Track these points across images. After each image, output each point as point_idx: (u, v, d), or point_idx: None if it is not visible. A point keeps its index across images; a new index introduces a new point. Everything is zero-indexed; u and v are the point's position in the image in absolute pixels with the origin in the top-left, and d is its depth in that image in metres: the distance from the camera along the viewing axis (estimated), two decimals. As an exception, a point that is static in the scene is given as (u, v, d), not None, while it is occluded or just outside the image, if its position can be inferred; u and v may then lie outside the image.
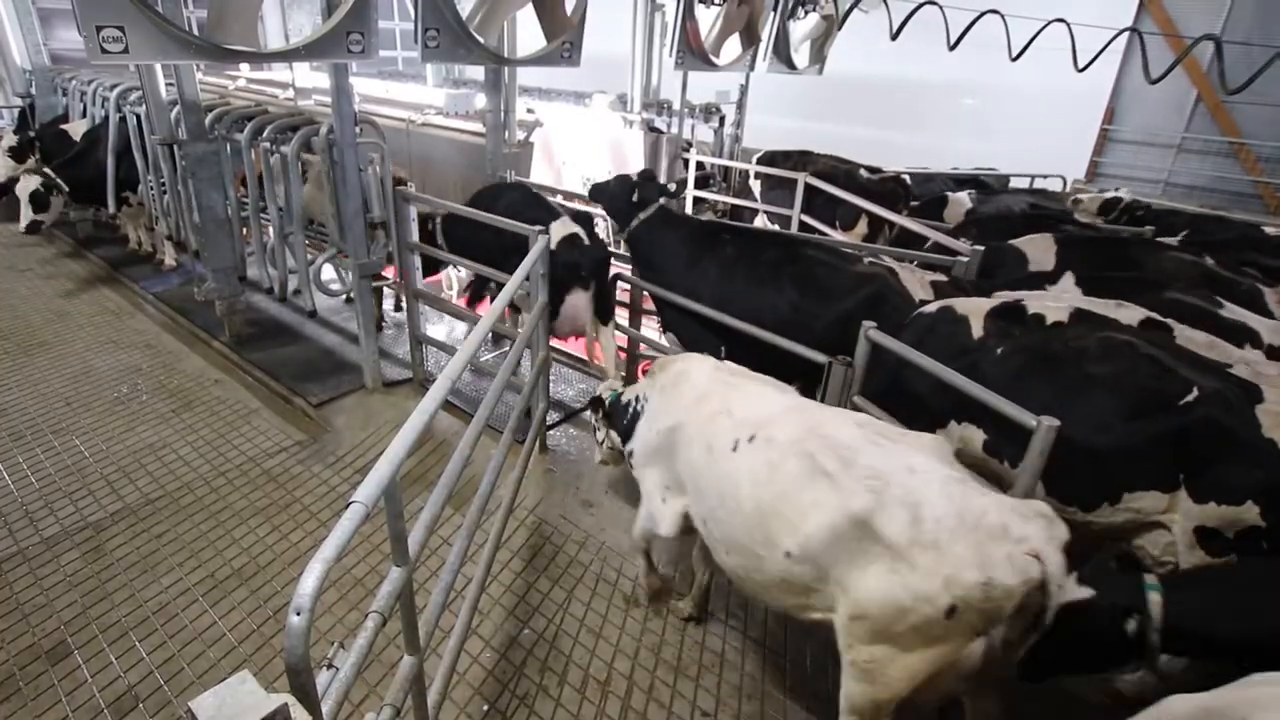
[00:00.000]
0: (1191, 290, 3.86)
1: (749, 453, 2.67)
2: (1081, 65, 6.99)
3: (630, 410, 3.50)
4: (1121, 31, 6.85)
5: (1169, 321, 3.35)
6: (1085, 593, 2.42)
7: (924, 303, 4.00)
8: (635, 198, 5.14)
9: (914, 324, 3.68)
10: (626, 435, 3.50)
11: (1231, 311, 3.66)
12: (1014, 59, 7.16)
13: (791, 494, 2.49)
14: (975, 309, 3.53)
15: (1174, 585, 2.44)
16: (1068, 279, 4.36)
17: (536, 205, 5.79)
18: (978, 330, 3.43)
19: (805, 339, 3.90)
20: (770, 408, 2.80)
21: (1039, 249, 4.76)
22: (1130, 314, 3.43)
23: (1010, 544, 2.11)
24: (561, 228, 5.11)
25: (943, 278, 4.35)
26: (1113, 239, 5.01)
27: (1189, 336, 3.26)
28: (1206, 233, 6.13)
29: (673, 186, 5.53)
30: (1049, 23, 6.98)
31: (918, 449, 2.48)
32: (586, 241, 5.17)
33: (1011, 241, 4.87)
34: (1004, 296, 3.72)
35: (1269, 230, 5.99)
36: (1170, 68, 6.48)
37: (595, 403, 3.83)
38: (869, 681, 2.34)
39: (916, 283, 4.16)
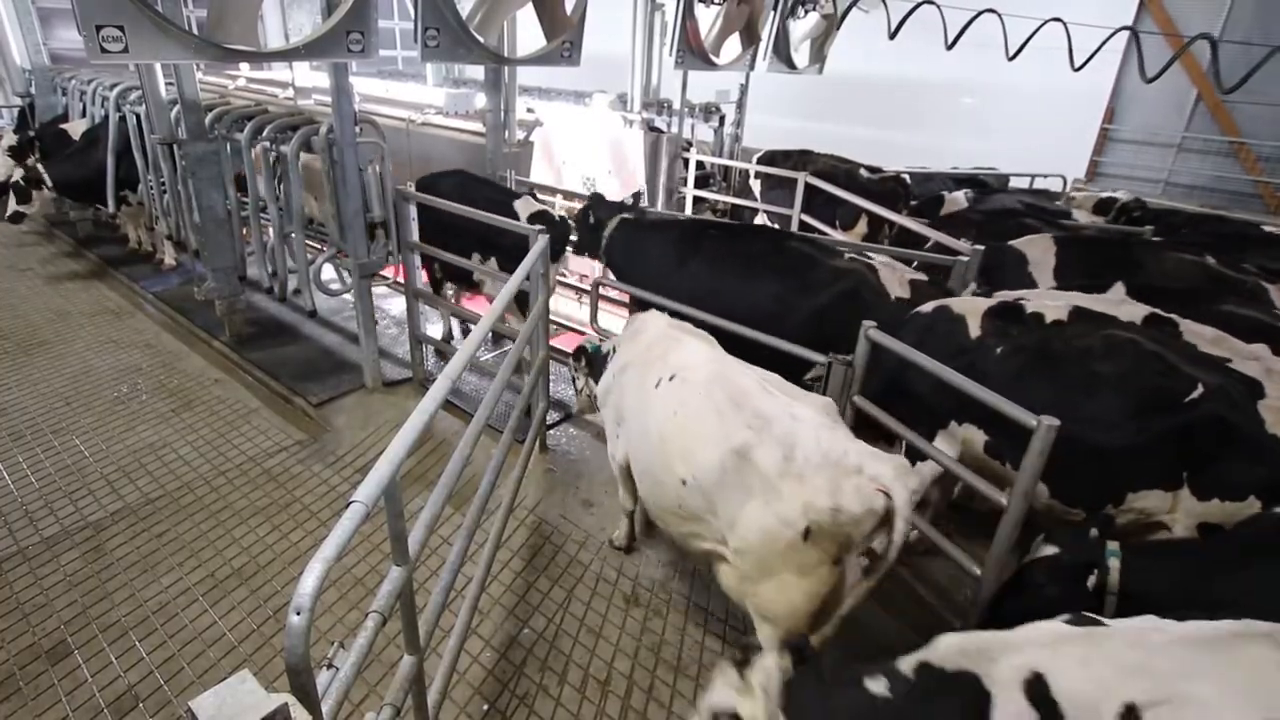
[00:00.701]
0: (1246, 303, 3.79)
1: (666, 390, 3.03)
2: (1078, 65, 6.98)
3: (605, 361, 3.86)
4: (1117, 31, 6.84)
5: (1173, 316, 3.35)
6: (1050, 550, 2.59)
7: (900, 300, 4.01)
8: (591, 220, 5.36)
9: (912, 324, 3.68)
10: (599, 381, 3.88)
11: None
12: (1010, 58, 7.15)
13: (690, 427, 2.83)
14: (972, 308, 3.53)
15: (1135, 552, 2.54)
16: (1118, 289, 4.23)
17: (491, 187, 5.91)
18: (975, 330, 3.43)
19: (783, 331, 3.91)
20: (697, 357, 3.13)
21: (1038, 249, 4.75)
22: (1132, 310, 3.42)
23: (861, 479, 2.41)
24: (525, 205, 5.42)
25: (923, 277, 4.33)
26: (1113, 239, 4.99)
27: (1196, 331, 3.27)
28: (1205, 232, 6.12)
29: (629, 200, 5.70)
30: (1045, 22, 6.97)
31: (806, 403, 2.77)
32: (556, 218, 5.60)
33: (1011, 243, 4.87)
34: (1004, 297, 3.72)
35: (1267, 229, 5.98)
36: (1165, 67, 6.49)
37: (579, 352, 4.08)
38: (768, 623, 2.64)
39: (895, 280, 4.16)
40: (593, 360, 3.99)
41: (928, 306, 3.70)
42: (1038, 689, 1.62)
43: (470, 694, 3.18)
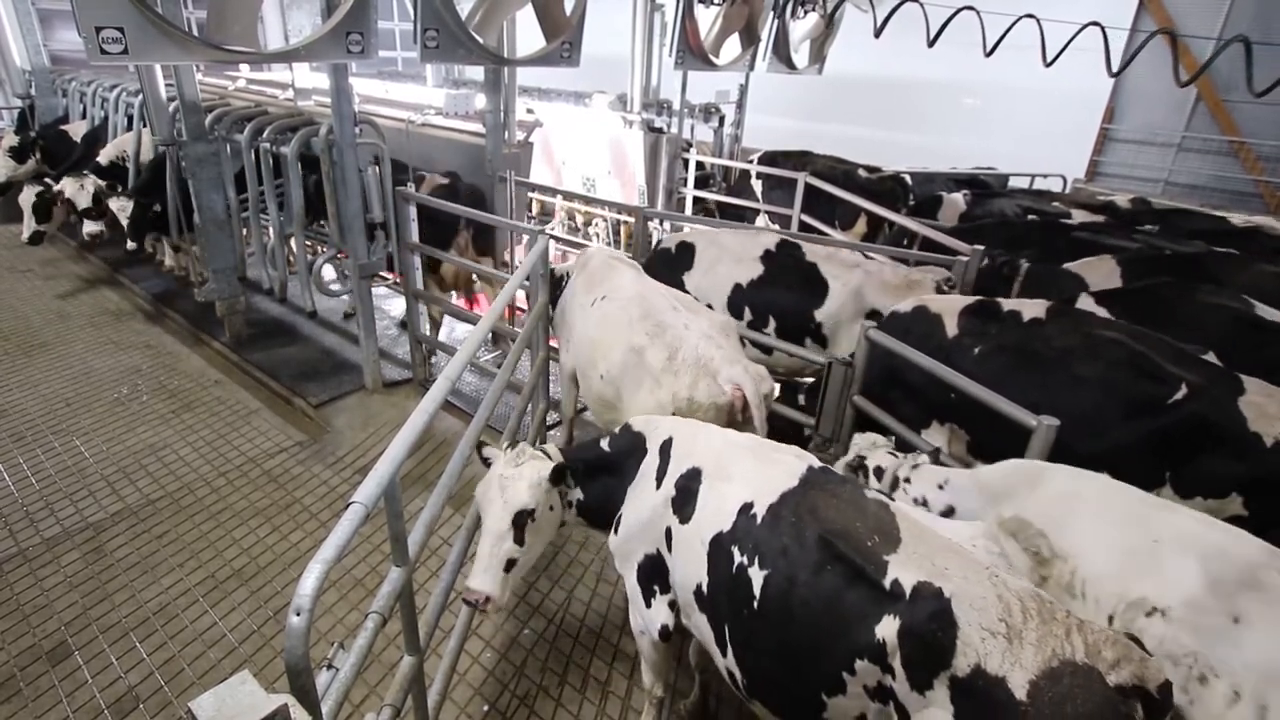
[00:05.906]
0: None
1: (598, 306, 3.81)
2: (1049, 61, 6.95)
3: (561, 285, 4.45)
4: (1085, 26, 6.82)
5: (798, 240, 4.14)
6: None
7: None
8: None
9: (890, 324, 3.65)
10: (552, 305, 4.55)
11: None
12: (988, 54, 7.12)
13: (609, 334, 3.60)
14: (949, 307, 3.51)
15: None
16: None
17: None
18: (951, 329, 3.41)
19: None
20: (625, 280, 3.87)
21: (1099, 273, 4.36)
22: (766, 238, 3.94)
23: (713, 380, 3.21)
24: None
25: (443, 181, 5.77)
26: (1183, 256, 4.55)
27: (813, 250, 4.34)
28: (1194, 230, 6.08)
29: None
30: (1019, 19, 6.95)
31: (704, 317, 3.59)
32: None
33: (1068, 265, 4.50)
34: None
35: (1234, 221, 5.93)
36: (1126, 63, 6.59)
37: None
38: None
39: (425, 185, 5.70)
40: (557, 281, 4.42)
41: (905, 305, 3.69)
42: (665, 446, 2.61)
43: (470, 695, 3.18)
